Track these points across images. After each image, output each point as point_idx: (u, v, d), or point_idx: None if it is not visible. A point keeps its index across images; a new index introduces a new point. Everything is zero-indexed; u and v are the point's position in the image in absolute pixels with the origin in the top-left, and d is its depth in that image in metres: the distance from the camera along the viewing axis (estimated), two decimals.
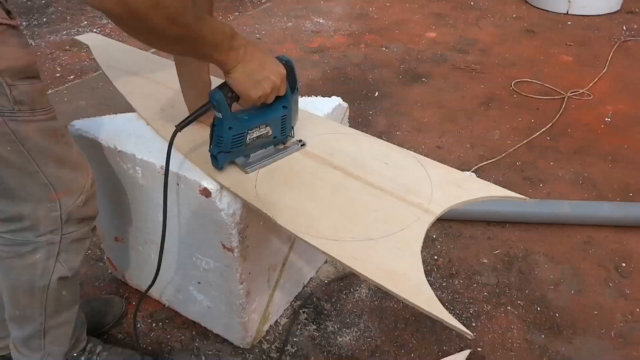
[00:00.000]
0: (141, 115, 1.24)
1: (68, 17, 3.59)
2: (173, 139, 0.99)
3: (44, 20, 3.54)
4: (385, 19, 3.57)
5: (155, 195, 1.16)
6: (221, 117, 0.97)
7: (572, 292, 1.51)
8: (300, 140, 1.14)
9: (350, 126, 1.31)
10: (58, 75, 2.76)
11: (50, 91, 2.58)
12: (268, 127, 1.06)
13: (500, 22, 3.53)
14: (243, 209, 1.06)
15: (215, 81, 1.14)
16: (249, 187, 1.02)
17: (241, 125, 1.01)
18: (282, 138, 1.10)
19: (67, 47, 3.08)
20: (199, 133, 1.15)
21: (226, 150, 1.02)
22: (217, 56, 0.89)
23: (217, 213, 1.05)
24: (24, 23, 3.46)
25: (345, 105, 1.38)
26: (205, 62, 1.09)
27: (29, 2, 3.85)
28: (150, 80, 1.37)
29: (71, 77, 2.74)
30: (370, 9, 3.77)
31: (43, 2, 3.88)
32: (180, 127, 0.99)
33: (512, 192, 1.09)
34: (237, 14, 3.71)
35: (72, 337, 1.15)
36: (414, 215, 0.98)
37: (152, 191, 1.16)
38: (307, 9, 3.76)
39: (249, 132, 1.03)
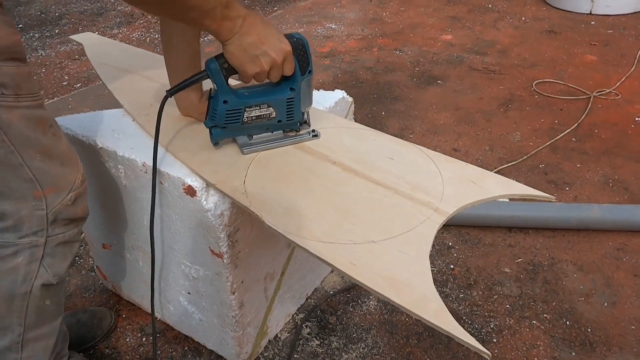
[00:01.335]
0: (127, 111, 1.15)
1: (80, 29, 3.59)
2: (163, 105, 0.92)
3: (56, 31, 3.54)
4: (399, 23, 3.47)
5: (139, 196, 1.06)
6: (216, 88, 0.90)
7: (605, 304, 1.36)
8: (313, 130, 1.04)
9: None
10: (65, 83, 2.73)
11: (55, 99, 2.54)
12: (271, 108, 0.97)
13: (520, 23, 3.40)
14: (232, 210, 0.96)
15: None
16: (236, 183, 0.92)
17: (238, 100, 0.93)
18: (289, 123, 1.00)
19: (77, 57, 3.06)
20: (185, 126, 1.06)
21: (220, 125, 0.94)
22: (208, 24, 0.81)
23: (203, 214, 0.95)
24: (36, 35, 3.47)
25: (350, 99, 1.27)
26: (198, 29, 1.00)
27: (42, 15, 3.88)
28: (141, 77, 1.28)
29: (78, 85, 2.70)
30: (384, 13, 3.68)
31: (57, 14, 3.90)
32: (171, 92, 0.92)
33: (535, 190, 0.97)
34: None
35: (53, 353, 1.05)
36: (422, 215, 0.87)
37: (136, 192, 1.06)
38: (319, 15, 3.68)
39: (247, 109, 0.94)
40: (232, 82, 1.03)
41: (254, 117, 0.96)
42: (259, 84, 0.95)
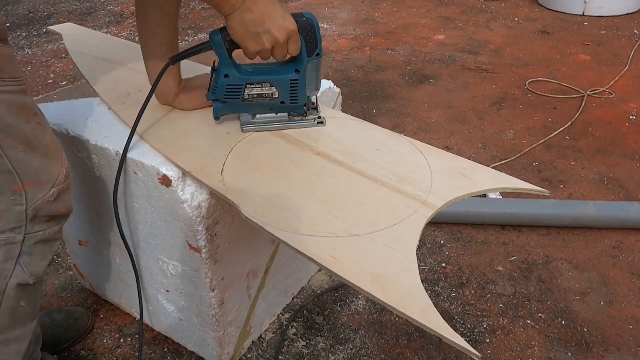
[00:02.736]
0: (103, 100, 1.10)
1: None
2: (163, 72, 0.91)
3: (44, 30, 3.48)
4: (391, 23, 3.44)
5: (113, 188, 1.01)
6: (218, 61, 0.89)
7: (602, 303, 1.31)
8: (319, 117, 1.00)
9: None
10: (50, 81, 2.67)
11: (40, 96, 2.49)
12: (273, 88, 0.93)
13: (512, 24, 3.38)
14: (210, 201, 0.91)
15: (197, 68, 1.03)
16: (213, 172, 0.87)
17: (240, 76, 0.91)
18: (293, 106, 0.97)
19: (63, 55, 3.00)
20: (163, 114, 1.01)
21: (221, 100, 0.92)
22: None
23: (179, 205, 0.90)
24: (23, 34, 3.41)
25: (337, 89, 1.22)
26: (176, 13, 0.96)
27: (30, 14, 3.82)
28: (121, 66, 1.23)
29: (63, 82, 2.64)
30: (376, 14, 3.65)
31: (45, 14, 3.84)
32: (173, 60, 0.91)
33: (528, 184, 0.92)
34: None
35: (25, 356, 0.99)
36: (409, 208, 0.82)
37: (110, 183, 1.01)
38: None
39: (248, 86, 0.92)
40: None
41: (255, 95, 0.93)
42: (265, 62, 0.92)
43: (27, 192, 0.81)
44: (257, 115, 0.98)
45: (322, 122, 1.00)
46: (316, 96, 1.00)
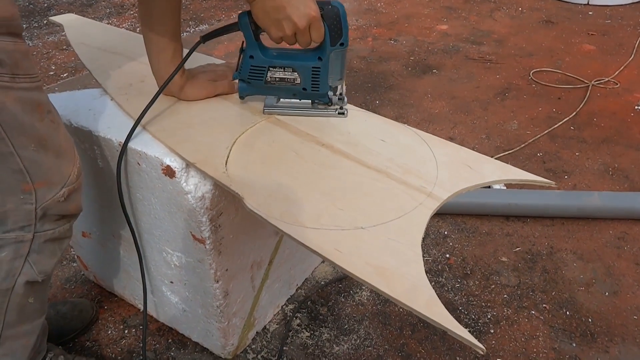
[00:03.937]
0: (106, 90, 1.09)
1: None
2: (194, 50, 0.95)
3: (45, 22, 3.47)
4: (394, 13, 3.41)
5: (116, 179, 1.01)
6: (246, 42, 0.91)
7: (607, 293, 1.31)
8: (340, 108, 1.00)
9: None
10: (52, 73, 2.66)
11: None
12: (295, 74, 0.94)
13: (516, 13, 3.35)
14: (214, 193, 0.90)
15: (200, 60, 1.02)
16: (218, 163, 0.86)
17: (263, 59, 0.93)
18: (315, 94, 0.97)
19: (64, 47, 2.98)
20: (166, 105, 1.00)
21: (245, 80, 0.95)
22: None
23: (183, 197, 0.89)
24: (23, 25, 3.40)
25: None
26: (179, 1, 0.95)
27: (31, 6, 3.80)
28: (123, 57, 1.22)
29: (65, 74, 2.63)
30: (379, 4, 3.62)
31: (45, 5, 3.82)
32: (205, 38, 0.93)
33: (534, 175, 0.92)
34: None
35: (32, 351, 0.99)
36: (414, 200, 0.81)
37: (113, 175, 1.00)
38: None
39: (271, 69, 0.93)
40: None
41: (277, 79, 0.95)
42: (292, 48, 0.93)
43: (37, 192, 0.81)
44: (281, 100, 0.99)
45: (343, 114, 0.99)
46: (342, 87, 0.99)
